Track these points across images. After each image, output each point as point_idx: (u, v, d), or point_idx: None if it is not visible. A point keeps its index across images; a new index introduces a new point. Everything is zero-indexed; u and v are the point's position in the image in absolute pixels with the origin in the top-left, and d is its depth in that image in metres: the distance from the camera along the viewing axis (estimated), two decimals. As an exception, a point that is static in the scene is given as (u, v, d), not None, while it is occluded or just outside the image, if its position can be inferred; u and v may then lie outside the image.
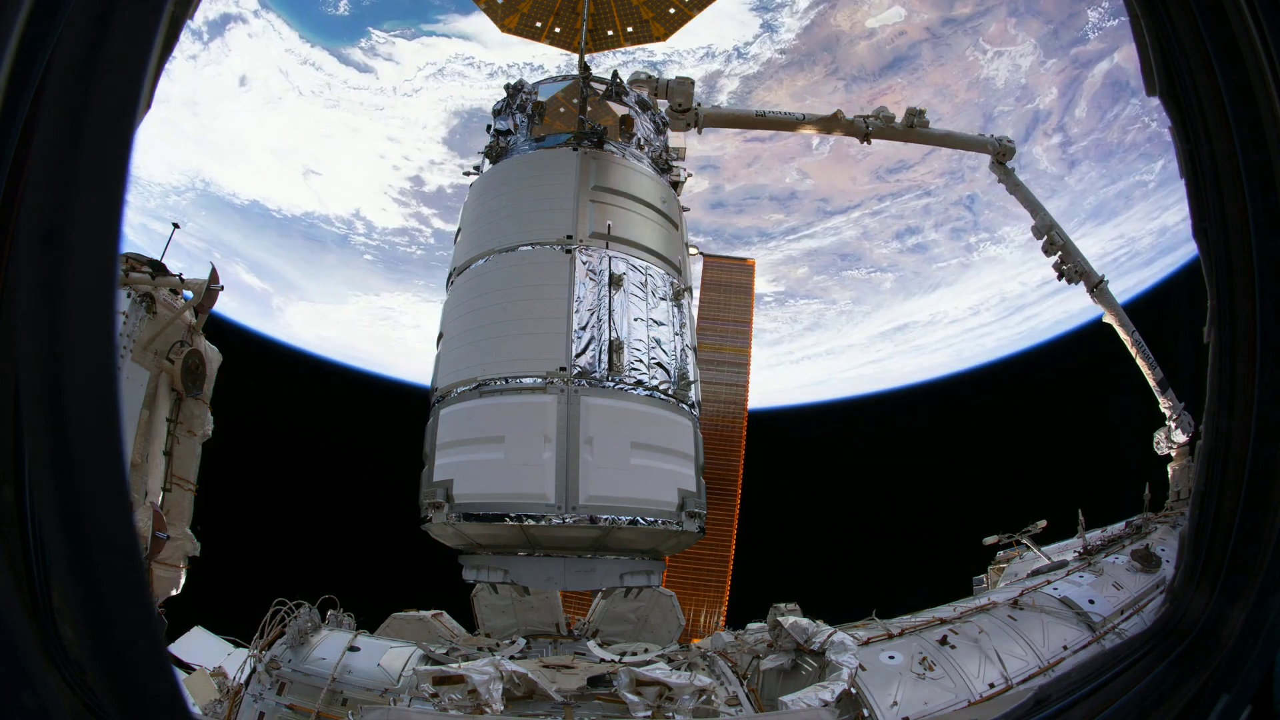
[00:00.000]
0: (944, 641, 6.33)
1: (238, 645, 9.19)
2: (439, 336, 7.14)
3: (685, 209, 8.48)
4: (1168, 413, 11.16)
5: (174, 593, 7.26)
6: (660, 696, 4.88)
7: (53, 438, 1.18)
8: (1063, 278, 11.45)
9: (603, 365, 6.19)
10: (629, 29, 8.18)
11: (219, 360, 8.00)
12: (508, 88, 8.22)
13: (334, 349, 36.28)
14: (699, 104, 9.70)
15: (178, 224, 8.75)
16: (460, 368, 6.48)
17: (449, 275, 7.42)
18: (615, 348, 6.24)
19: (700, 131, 9.86)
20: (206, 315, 7.66)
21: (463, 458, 6.09)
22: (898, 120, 10.65)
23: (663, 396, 6.47)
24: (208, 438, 7.86)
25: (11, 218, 1.70)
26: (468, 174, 8.17)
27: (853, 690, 5.31)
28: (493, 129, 8.02)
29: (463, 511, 5.85)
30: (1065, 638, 6.83)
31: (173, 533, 6.95)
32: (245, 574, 15.54)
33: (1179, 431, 10.96)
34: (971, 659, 6.19)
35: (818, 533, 31.30)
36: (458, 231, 7.72)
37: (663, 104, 9.39)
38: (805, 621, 6.13)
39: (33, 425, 1.22)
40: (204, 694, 6.87)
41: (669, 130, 8.96)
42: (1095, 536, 10.05)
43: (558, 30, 8.19)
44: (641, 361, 6.40)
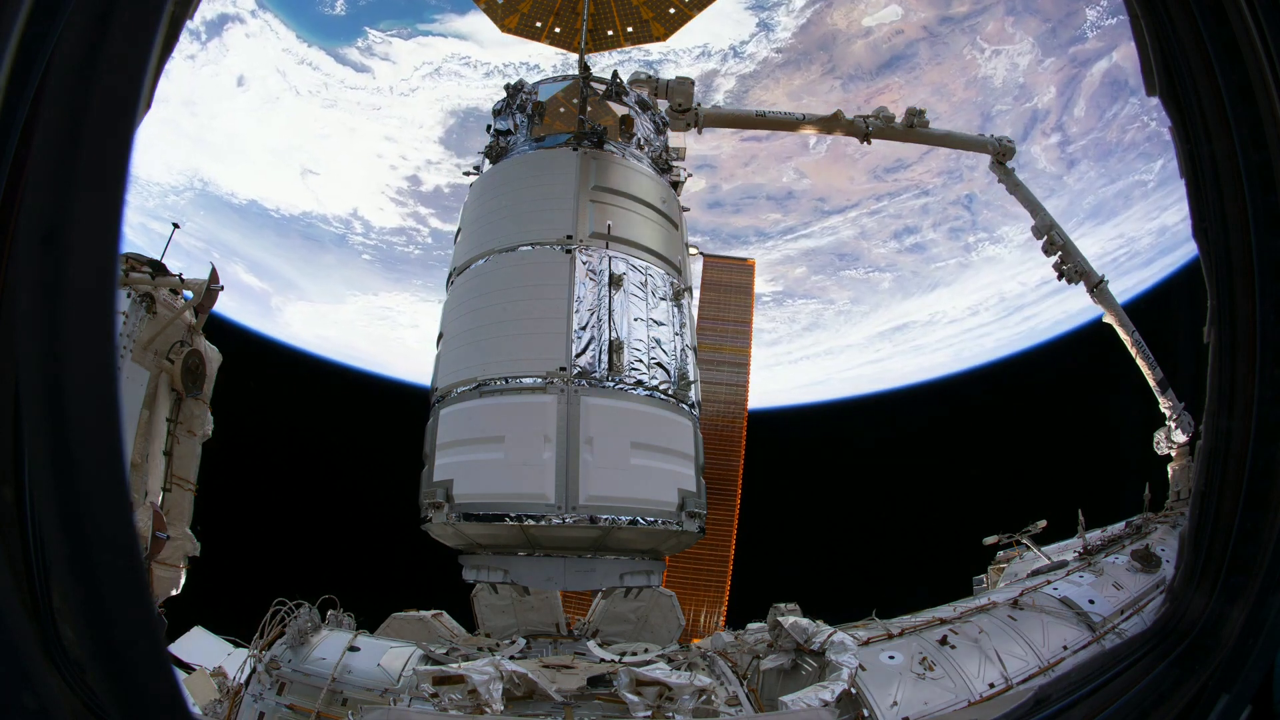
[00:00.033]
0: (944, 641, 6.33)
1: (238, 645, 9.18)
2: (439, 336, 7.14)
3: (685, 209, 8.48)
4: (1168, 413, 11.17)
5: (174, 593, 7.26)
6: (660, 696, 4.88)
7: (53, 438, 1.18)
8: (1063, 278, 11.46)
9: (603, 365, 6.19)
10: (629, 29, 8.18)
11: (219, 360, 8.00)
12: (508, 88, 8.22)
13: (333, 349, 36.34)
14: (699, 104, 9.71)
15: (178, 224, 8.76)
16: (460, 368, 6.49)
17: (449, 275, 7.42)
18: (615, 348, 6.24)
19: (700, 131, 9.87)
20: (206, 315, 7.66)
21: (463, 458, 6.09)
22: (898, 120, 10.66)
23: (663, 396, 6.47)
24: (208, 438, 7.86)
25: (11, 218, 1.70)
26: (468, 174, 8.18)
27: (853, 690, 5.31)
28: (493, 129, 8.02)
29: (463, 511, 5.85)
30: (1065, 638, 6.83)
31: (173, 533, 6.95)
32: (245, 574, 15.54)
33: (1179, 431, 10.96)
34: (971, 659, 6.19)
35: (818, 533, 31.30)
36: (458, 231, 7.72)
37: (662, 104, 9.39)
38: (805, 621, 6.13)
39: (33, 425, 1.22)
40: (204, 694, 6.87)
41: (669, 130, 8.97)
42: (1095, 536, 10.05)
43: (558, 30, 8.19)
44: (641, 361, 6.40)
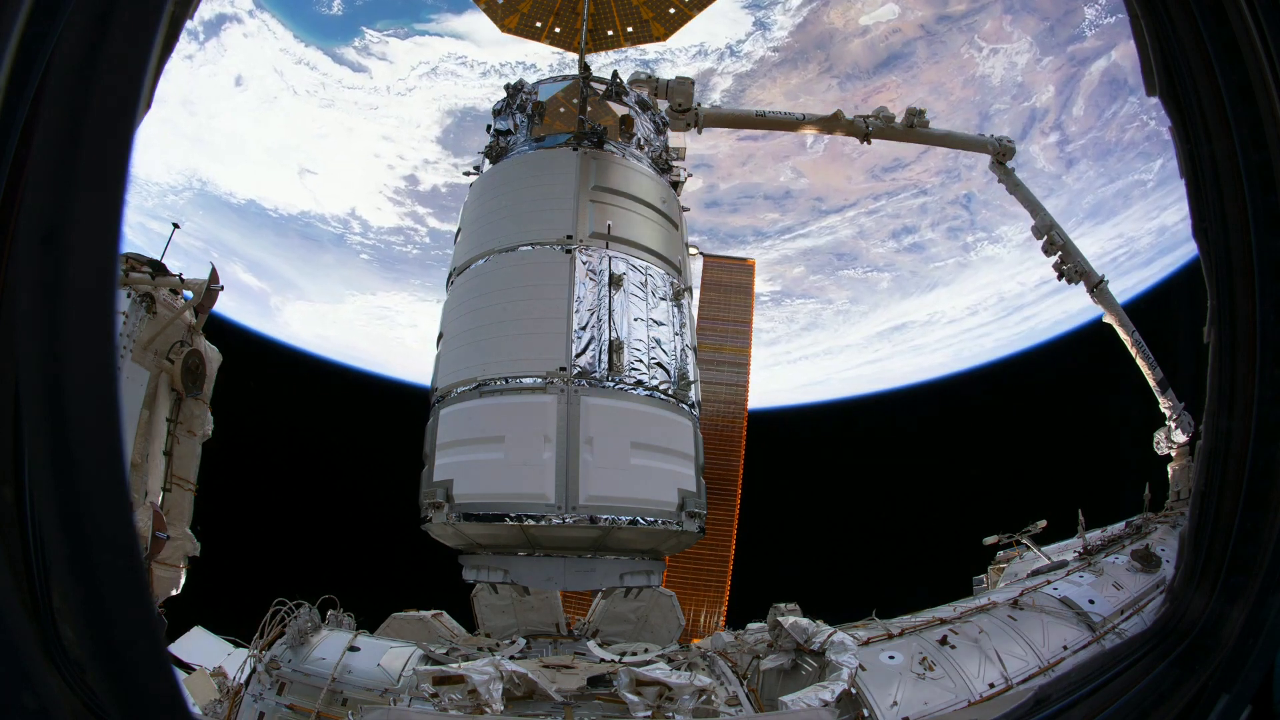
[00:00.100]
0: (944, 641, 6.33)
1: (238, 645, 9.18)
2: (439, 336, 7.14)
3: (685, 209, 8.48)
4: (1168, 413, 11.16)
5: (174, 593, 7.26)
6: (660, 696, 4.88)
7: (53, 438, 1.18)
8: (1063, 278, 11.45)
9: (603, 365, 6.19)
10: (629, 29, 8.19)
11: (219, 360, 8.00)
12: (508, 88, 8.22)
13: (333, 348, 36.36)
14: (699, 104, 9.71)
15: (178, 224, 8.76)
16: (460, 368, 6.48)
17: (449, 275, 7.41)
18: (615, 348, 6.24)
19: (700, 131, 9.87)
20: (206, 315, 7.66)
21: (463, 458, 6.09)
22: (898, 120, 10.66)
23: (663, 396, 6.47)
24: (208, 438, 7.86)
25: (11, 218, 1.70)
26: (467, 174, 8.17)
27: (853, 690, 5.31)
28: (492, 129, 8.02)
29: (463, 511, 5.85)
30: (1065, 638, 6.83)
31: (173, 533, 6.95)
32: (245, 574, 15.54)
33: (1179, 431, 10.96)
34: (971, 659, 6.19)
35: (818, 533, 31.30)
36: (457, 231, 7.72)
37: (662, 104, 9.39)
38: (805, 621, 6.12)
39: (33, 425, 1.22)
40: (204, 694, 6.87)
41: (669, 130, 8.97)
42: (1095, 536, 10.05)
43: (558, 30, 8.20)
44: (641, 361, 6.40)
